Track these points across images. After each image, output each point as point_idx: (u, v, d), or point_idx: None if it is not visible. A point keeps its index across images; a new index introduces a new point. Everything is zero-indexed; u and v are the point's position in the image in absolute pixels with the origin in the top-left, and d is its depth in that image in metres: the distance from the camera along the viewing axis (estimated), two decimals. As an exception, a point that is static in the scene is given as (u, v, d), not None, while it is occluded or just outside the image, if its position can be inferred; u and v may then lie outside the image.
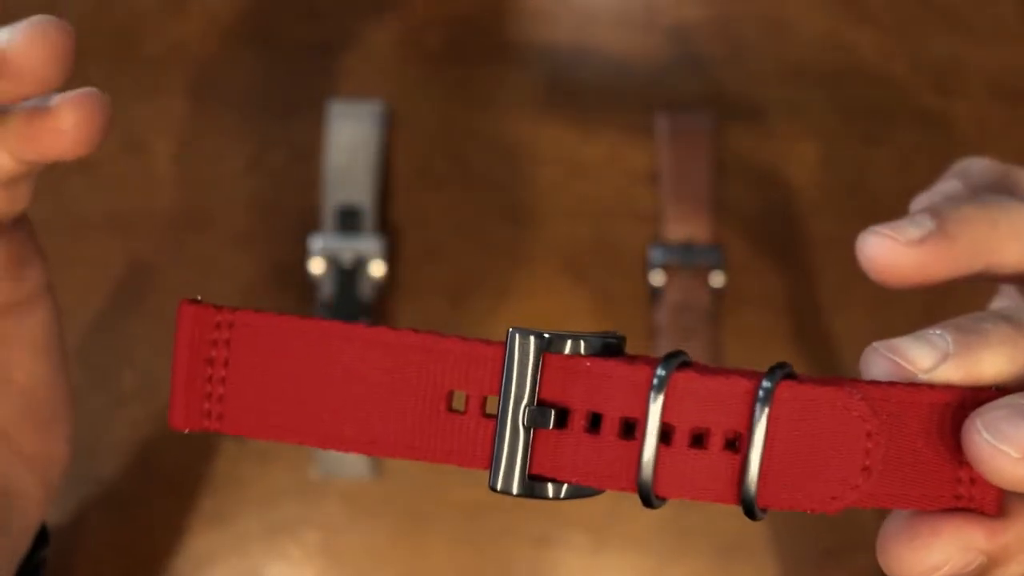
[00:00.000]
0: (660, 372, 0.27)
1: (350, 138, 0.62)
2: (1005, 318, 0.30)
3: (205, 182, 0.63)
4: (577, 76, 0.65)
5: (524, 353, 0.28)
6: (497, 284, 0.62)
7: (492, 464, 0.28)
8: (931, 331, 0.30)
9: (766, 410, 0.27)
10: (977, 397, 0.28)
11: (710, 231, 0.62)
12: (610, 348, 0.28)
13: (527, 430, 0.28)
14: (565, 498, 0.29)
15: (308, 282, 0.60)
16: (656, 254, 0.61)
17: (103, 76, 0.64)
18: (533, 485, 0.28)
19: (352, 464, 0.58)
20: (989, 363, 0.29)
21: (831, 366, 0.61)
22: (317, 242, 0.60)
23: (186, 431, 0.29)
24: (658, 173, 0.63)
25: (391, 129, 0.64)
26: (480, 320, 0.61)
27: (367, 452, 0.29)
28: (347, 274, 0.60)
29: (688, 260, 0.61)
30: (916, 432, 0.28)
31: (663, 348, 0.60)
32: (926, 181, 0.66)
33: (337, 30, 0.66)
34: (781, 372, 0.28)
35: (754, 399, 0.27)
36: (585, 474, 0.28)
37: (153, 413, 0.60)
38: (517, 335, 0.28)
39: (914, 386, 0.28)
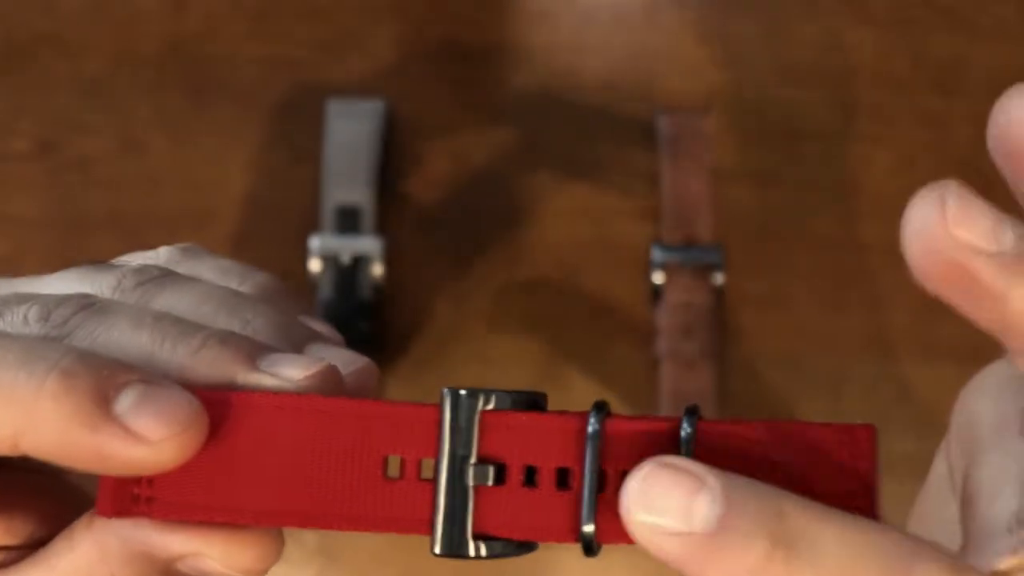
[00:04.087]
0: (593, 421, 0.28)
1: (350, 138, 0.62)
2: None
3: (205, 182, 0.63)
4: (577, 76, 0.65)
5: (467, 411, 0.28)
6: (497, 284, 0.62)
7: (432, 528, 0.28)
8: None
9: (691, 449, 0.27)
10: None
11: (710, 231, 0.62)
12: (538, 404, 0.29)
13: (468, 489, 0.28)
14: (507, 555, 0.29)
15: (308, 282, 0.60)
16: (656, 254, 0.61)
17: (103, 75, 0.64)
18: (479, 544, 0.28)
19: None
20: None
21: (830, 365, 0.61)
22: (317, 242, 0.60)
23: (113, 519, 0.28)
24: (658, 173, 0.63)
25: (391, 129, 0.64)
26: (480, 320, 0.61)
27: (303, 526, 0.28)
28: (347, 274, 0.60)
29: (688, 260, 0.61)
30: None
31: (663, 348, 0.60)
32: (926, 181, 0.66)
33: (337, 30, 0.66)
34: (699, 414, 0.28)
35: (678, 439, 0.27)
36: (526, 529, 0.28)
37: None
38: (456, 394, 0.28)
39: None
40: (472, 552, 0.28)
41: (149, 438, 0.27)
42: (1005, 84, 0.70)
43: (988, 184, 0.63)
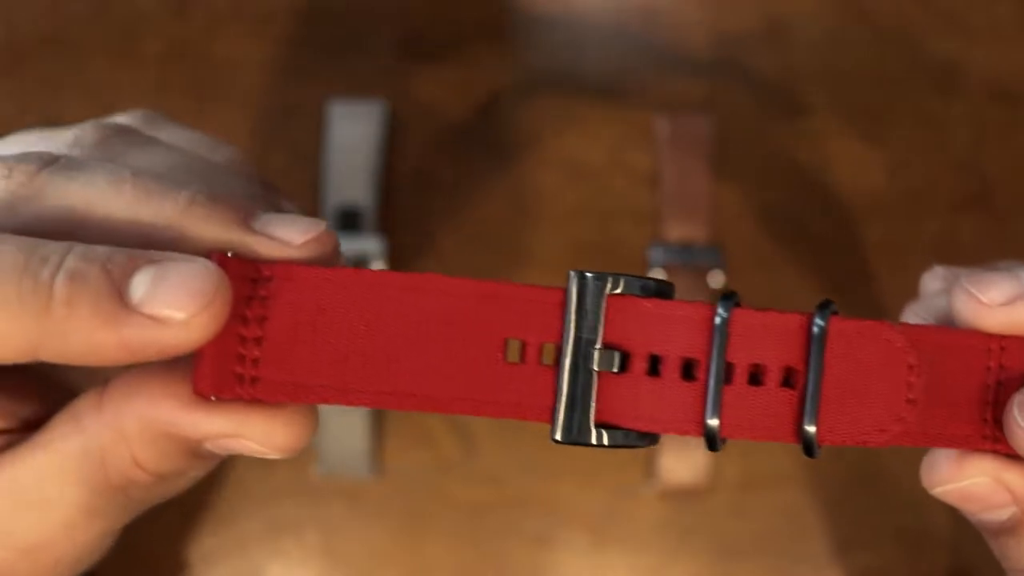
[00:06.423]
0: (721, 311, 0.27)
1: (350, 138, 0.62)
2: None
3: (205, 182, 0.63)
4: (577, 76, 0.65)
5: (594, 294, 0.27)
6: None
7: (553, 415, 0.27)
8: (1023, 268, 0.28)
9: (822, 344, 0.28)
10: (1013, 345, 0.29)
11: (709, 231, 0.62)
12: (665, 292, 0.28)
13: (592, 375, 0.27)
14: (629, 445, 0.28)
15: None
16: (656, 254, 0.61)
17: (105, 76, 0.64)
18: (602, 433, 0.27)
19: (353, 464, 0.59)
20: None
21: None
22: (317, 242, 0.60)
23: (212, 399, 0.26)
24: (658, 174, 0.63)
25: (391, 129, 0.64)
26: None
27: (425, 408, 0.27)
28: (347, 274, 0.60)
29: (688, 260, 0.61)
30: (950, 372, 0.28)
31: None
32: (925, 182, 0.67)
33: (337, 30, 0.66)
34: (830, 309, 0.28)
35: (808, 333, 0.28)
36: (649, 420, 0.27)
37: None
38: (583, 276, 0.27)
39: (948, 328, 0.29)
40: (594, 440, 0.27)
41: (175, 319, 0.25)
42: (1003, 85, 0.70)
43: (986, 185, 0.63)
